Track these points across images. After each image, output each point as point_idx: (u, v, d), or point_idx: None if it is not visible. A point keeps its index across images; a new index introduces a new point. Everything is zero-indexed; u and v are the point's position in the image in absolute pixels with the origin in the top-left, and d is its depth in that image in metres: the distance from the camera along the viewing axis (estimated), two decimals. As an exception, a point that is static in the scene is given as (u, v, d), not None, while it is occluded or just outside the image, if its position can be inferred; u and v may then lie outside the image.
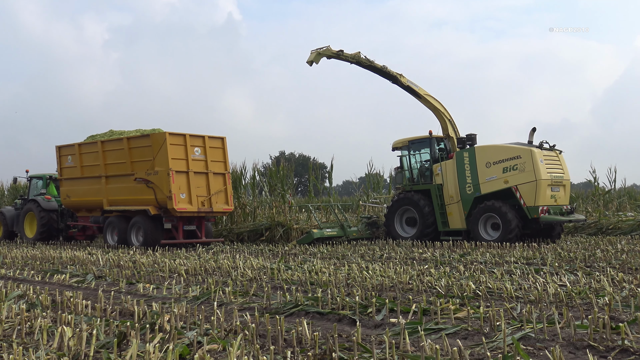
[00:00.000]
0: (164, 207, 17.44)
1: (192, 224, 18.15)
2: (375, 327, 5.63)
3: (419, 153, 18.52)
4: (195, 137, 18.12)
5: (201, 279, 9.32)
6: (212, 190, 18.15)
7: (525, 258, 11.67)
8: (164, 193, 17.25)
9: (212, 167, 18.27)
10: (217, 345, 4.82)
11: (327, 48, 18.35)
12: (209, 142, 18.39)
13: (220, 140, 18.89)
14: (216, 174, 18.39)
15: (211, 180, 18.18)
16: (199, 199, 17.76)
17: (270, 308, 6.60)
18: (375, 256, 12.94)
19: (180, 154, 17.59)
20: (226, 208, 18.59)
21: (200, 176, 17.93)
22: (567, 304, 6.42)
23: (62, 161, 20.15)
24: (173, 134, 17.69)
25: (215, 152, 18.56)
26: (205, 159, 18.14)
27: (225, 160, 18.83)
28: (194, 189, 17.67)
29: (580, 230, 20.05)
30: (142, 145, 18.01)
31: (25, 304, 6.99)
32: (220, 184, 18.49)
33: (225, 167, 18.82)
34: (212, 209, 18.05)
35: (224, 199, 18.51)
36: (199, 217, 18.17)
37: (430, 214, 17.37)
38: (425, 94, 18.17)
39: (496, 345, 4.72)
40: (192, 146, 17.88)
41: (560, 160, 16.79)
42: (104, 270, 10.86)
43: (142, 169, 17.81)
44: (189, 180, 17.59)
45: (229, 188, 18.73)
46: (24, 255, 14.56)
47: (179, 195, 17.31)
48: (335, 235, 18.47)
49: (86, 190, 19.33)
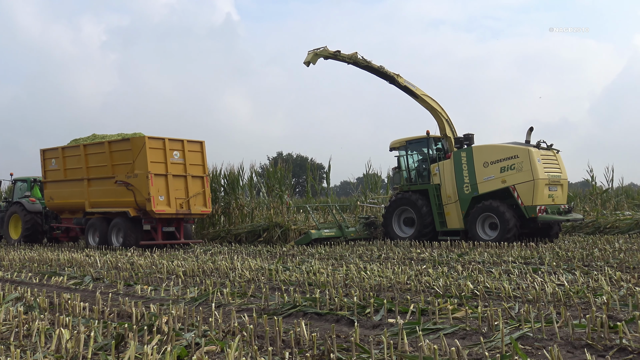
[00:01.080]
0: (143, 209, 17.86)
1: (171, 225, 18.61)
2: (374, 327, 5.62)
3: (417, 153, 18.54)
4: (174, 141, 18.58)
5: (199, 280, 9.31)
6: (191, 193, 18.58)
7: (523, 257, 11.68)
8: (143, 195, 17.67)
9: (190, 170, 18.73)
10: (215, 346, 4.81)
11: (324, 49, 18.36)
12: (188, 146, 18.87)
13: (199, 144, 19.35)
14: (195, 177, 18.85)
15: (190, 183, 18.63)
16: (177, 201, 18.24)
17: (269, 309, 6.60)
18: (373, 256, 12.94)
19: (160, 158, 18.05)
20: (204, 210, 19.03)
21: (178, 179, 18.42)
22: (565, 303, 6.43)
23: (46, 164, 20.47)
24: (152, 138, 18.11)
25: (194, 155, 18.99)
26: (184, 163, 18.62)
27: (203, 164, 19.28)
28: (172, 192, 18.12)
29: (578, 229, 20.08)
30: (123, 148, 18.39)
31: (23, 306, 6.98)
32: (199, 187, 18.91)
33: (204, 170, 19.25)
34: (191, 211, 18.49)
35: (202, 202, 18.94)
36: (177, 219, 18.61)
37: (428, 214, 17.38)
38: (423, 94, 18.18)
39: (494, 345, 4.72)
40: (171, 150, 18.35)
41: (558, 159, 16.81)
42: (102, 272, 10.85)
43: (123, 172, 18.20)
44: (167, 183, 18.06)
45: (207, 191, 19.17)
46: (21, 258, 14.53)
47: (158, 198, 17.76)
48: (333, 235, 18.47)
49: (69, 192, 19.71)
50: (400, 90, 18.41)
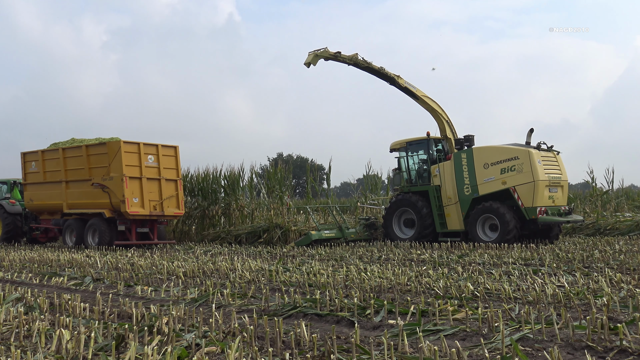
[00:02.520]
0: (118, 211, 18.61)
1: (145, 226, 19.42)
2: (374, 328, 5.62)
3: (417, 154, 18.53)
4: (149, 146, 19.38)
5: (199, 281, 9.31)
6: (164, 196, 19.41)
7: (524, 259, 11.68)
8: (118, 197, 18.47)
9: (164, 173, 19.52)
10: (215, 347, 4.81)
11: (325, 50, 18.37)
12: (162, 151, 19.69)
13: (173, 149, 20.17)
14: (168, 180, 19.63)
15: (163, 186, 19.42)
16: (151, 203, 19.03)
17: (269, 310, 6.60)
18: (374, 258, 12.94)
19: (134, 161, 18.82)
20: (177, 212, 19.87)
21: (152, 182, 19.19)
22: (566, 304, 6.43)
23: (26, 167, 21.13)
24: (127, 142, 18.91)
25: (168, 159, 19.81)
26: (158, 166, 19.40)
27: (177, 168, 20.08)
28: (146, 194, 18.90)
29: (578, 231, 20.08)
30: (99, 152, 19.18)
31: (23, 306, 6.98)
32: (172, 190, 19.74)
33: (177, 174, 20.05)
34: (164, 212, 19.31)
35: (175, 204, 19.76)
36: (151, 220, 19.45)
37: (428, 216, 17.38)
38: (423, 95, 18.18)
39: (494, 346, 4.72)
40: (145, 154, 19.13)
41: (558, 161, 16.81)
42: (102, 272, 10.85)
43: (99, 174, 19.02)
44: (142, 185, 18.84)
45: (180, 193, 19.97)
46: (21, 258, 14.53)
47: (132, 200, 18.57)
48: (334, 236, 18.47)
49: (48, 194, 20.38)
50: (400, 91, 18.40)
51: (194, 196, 24.62)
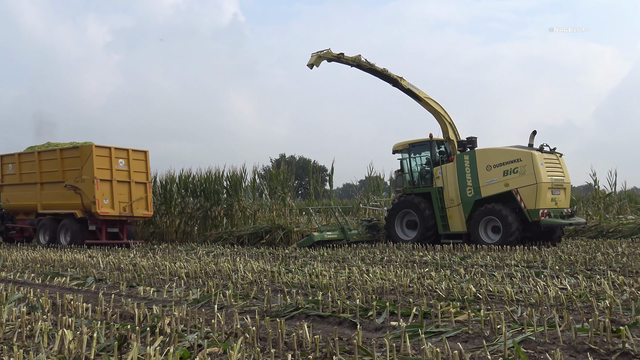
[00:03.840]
0: (89, 211, 19.73)
1: (115, 226, 20.52)
2: (376, 330, 5.62)
3: (420, 156, 18.53)
4: (119, 150, 20.50)
5: (201, 282, 9.31)
6: (134, 198, 20.48)
7: (526, 261, 11.66)
8: (89, 198, 19.55)
9: (134, 177, 20.65)
10: (217, 348, 4.82)
11: (328, 51, 18.38)
12: (133, 155, 20.80)
13: (143, 153, 21.31)
14: (138, 183, 20.75)
15: (133, 188, 20.53)
16: (121, 204, 20.14)
17: (271, 311, 6.60)
18: (376, 259, 12.93)
19: (105, 165, 19.90)
20: (146, 213, 20.95)
21: (122, 184, 20.30)
22: (568, 307, 6.42)
23: (3, 169, 22.17)
24: (99, 146, 20.00)
25: (138, 163, 20.91)
26: (128, 170, 20.51)
27: (147, 171, 21.20)
28: (116, 196, 20.02)
29: (580, 233, 20.06)
30: (72, 156, 20.25)
31: (26, 307, 6.98)
32: (142, 192, 20.83)
33: (147, 177, 21.16)
34: (133, 213, 20.38)
35: (144, 205, 20.89)
36: (121, 221, 20.56)
37: (431, 217, 17.37)
38: (426, 96, 18.18)
39: (497, 348, 4.72)
40: (116, 158, 20.27)
41: (561, 163, 16.79)
42: (105, 273, 10.85)
43: (72, 177, 20.05)
44: (112, 187, 19.93)
45: (149, 196, 21.08)
46: (24, 258, 14.55)
47: (102, 201, 19.68)
48: (336, 238, 18.46)
49: (24, 195, 21.44)
50: (403, 93, 18.41)
51: (196, 197, 24.66)
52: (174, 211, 24.85)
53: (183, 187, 25.25)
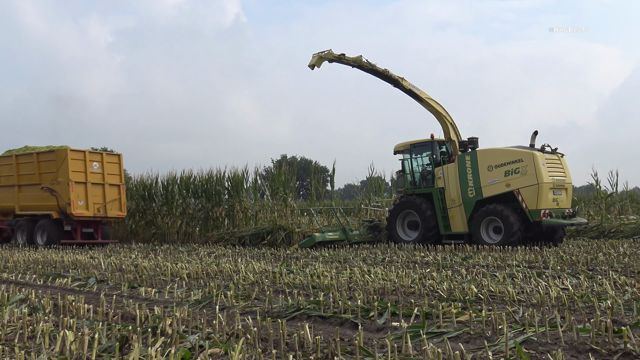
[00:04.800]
0: (64, 212, 20.63)
1: (90, 227, 21.39)
2: (377, 330, 5.62)
3: (421, 156, 18.52)
4: (94, 154, 21.68)
5: (203, 283, 9.31)
6: (108, 199, 21.37)
7: (528, 261, 11.65)
8: (65, 200, 20.44)
9: (108, 179, 21.54)
10: (219, 349, 4.81)
11: (329, 52, 18.38)
12: (106, 158, 21.84)
13: (117, 157, 22.35)
14: (112, 185, 21.65)
15: (107, 190, 21.43)
16: (95, 205, 21.04)
17: (272, 312, 6.60)
18: (377, 260, 12.93)
19: (80, 168, 20.79)
20: (119, 214, 21.89)
21: (97, 187, 21.21)
22: (570, 307, 6.41)
23: None
24: (74, 150, 20.99)
25: (111, 166, 21.82)
26: (102, 172, 21.40)
27: (120, 174, 22.14)
28: (91, 197, 20.92)
29: (582, 233, 20.04)
30: (48, 159, 21.11)
31: (27, 308, 6.99)
32: (115, 194, 21.74)
33: (121, 179, 22.09)
34: (107, 214, 21.31)
35: (118, 206, 21.79)
36: (95, 221, 21.40)
37: (432, 218, 17.36)
38: (427, 97, 18.18)
39: (498, 348, 4.71)
40: (91, 161, 21.15)
41: (562, 163, 16.78)
42: (106, 274, 10.86)
43: (48, 179, 20.97)
44: (86, 190, 20.83)
45: (122, 197, 21.94)
46: (25, 259, 14.56)
47: (77, 202, 20.55)
48: (337, 238, 18.45)
49: (2, 197, 22.26)
50: (404, 93, 18.40)
51: (197, 198, 24.68)
52: (176, 212, 24.87)
53: (184, 187, 25.28)
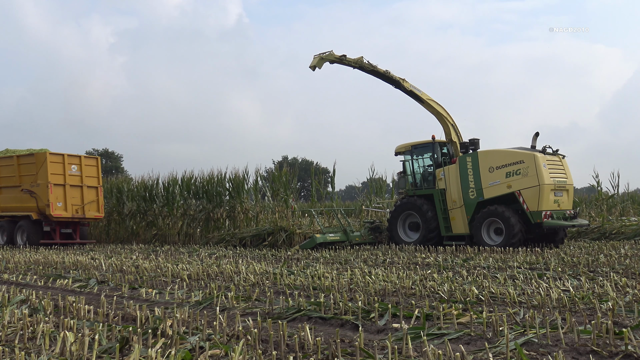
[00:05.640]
0: (43, 213, 21.49)
1: (69, 227, 22.31)
2: (378, 332, 5.61)
3: (422, 158, 18.52)
4: (72, 157, 22.32)
5: (204, 284, 9.31)
6: (86, 201, 22.25)
7: (529, 263, 11.64)
8: (44, 202, 21.31)
9: (86, 181, 22.39)
10: (219, 350, 4.81)
11: (330, 53, 18.39)
12: (85, 161, 22.69)
13: (95, 160, 23.51)
14: (90, 187, 22.53)
15: (85, 192, 22.29)
16: (73, 207, 21.87)
17: (273, 313, 6.59)
18: (378, 261, 12.92)
19: (59, 170, 21.62)
20: (97, 215, 22.86)
21: (75, 189, 22.05)
22: (570, 309, 6.40)
23: None
24: (53, 153, 21.75)
25: (89, 169, 22.71)
26: (81, 175, 22.25)
27: (98, 176, 22.99)
28: (69, 199, 21.73)
29: (583, 235, 20.02)
30: (28, 162, 21.96)
31: (28, 308, 6.99)
32: (93, 196, 22.62)
33: (98, 181, 22.95)
34: (85, 215, 22.25)
35: (96, 208, 22.71)
36: (73, 222, 22.32)
37: (433, 219, 17.36)
38: (428, 98, 18.17)
39: (499, 350, 4.70)
40: (69, 164, 21.98)
41: (564, 165, 16.77)
42: (107, 275, 10.86)
43: (28, 182, 21.82)
44: (65, 191, 21.66)
45: (100, 199, 22.89)
46: (26, 260, 14.57)
47: (56, 204, 21.37)
48: (338, 240, 18.45)
49: None
50: (405, 94, 18.40)
51: (198, 199, 24.68)
52: (177, 213, 24.88)
53: (185, 189, 25.29)
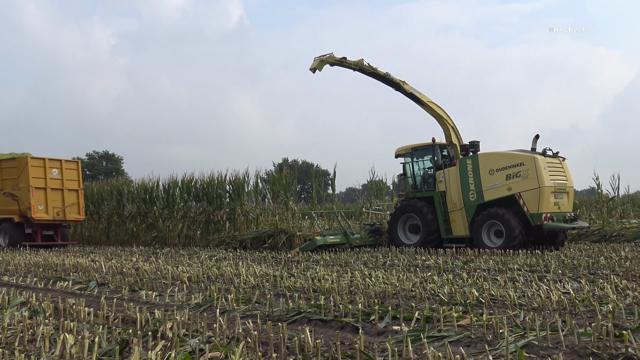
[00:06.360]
0: (25, 216, 22.13)
1: (50, 229, 22.90)
2: (378, 334, 5.61)
3: (422, 160, 18.52)
4: (53, 161, 22.94)
5: (204, 286, 9.31)
6: (67, 203, 22.87)
7: (529, 265, 11.64)
8: (25, 205, 21.97)
9: (67, 184, 23.07)
10: (219, 352, 4.81)
11: (330, 55, 18.39)
12: (65, 165, 23.25)
13: (76, 163, 23.97)
14: (70, 190, 23.18)
15: (66, 195, 22.94)
16: (54, 209, 22.52)
17: (273, 315, 6.59)
18: (378, 263, 12.91)
19: (40, 174, 22.25)
20: (78, 217, 23.50)
21: (56, 192, 22.71)
22: (571, 311, 6.40)
23: None
24: (34, 158, 22.50)
25: (70, 172, 23.33)
26: (62, 178, 22.90)
27: (79, 180, 23.65)
28: (50, 202, 22.38)
29: (583, 237, 20.01)
30: (10, 166, 22.64)
31: (28, 311, 6.98)
32: (74, 198, 23.27)
33: (79, 185, 23.63)
34: (66, 217, 22.86)
35: (77, 210, 23.36)
36: (55, 224, 22.93)
37: (434, 221, 17.36)
38: (429, 101, 18.18)
39: (499, 353, 4.70)
40: (50, 168, 22.57)
41: (564, 167, 16.77)
42: (107, 277, 10.86)
43: (10, 185, 22.46)
44: (46, 195, 22.28)
45: (81, 201, 23.54)
46: (26, 263, 14.56)
47: (37, 207, 22.07)
48: (339, 242, 18.44)
49: None
50: (406, 97, 18.41)
51: (199, 201, 24.68)
52: (177, 215, 24.89)
53: (186, 191, 25.30)
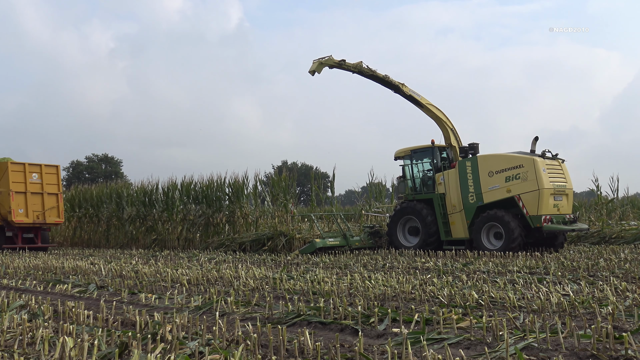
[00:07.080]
0: (6, 220, 22.72)
1: (30, 232, 23.56)
2: (378, 337, 5.61)
3: (422, 162, 18.52)
4: (33, 165, 23.62)
5: (203, 289, 9.30)
6: (46, 207, 23.47)
7: (528, 267, 11.64)
8: (6, 209, 22.57)
9: (47, 188, 23.67)
10: (218, 355, 4.80)
11: (329, 58, 18.39)
12: (45, 169, 23.85)
13: (55, 168, 24.44)
14: (50, 194, 23.79)
15: (46, 199, 23.57)
16: (34, 213, 23.19)
17: (273, 318, 6.59)
18: (378, 266, 12.91)
19: (20, 179, 22.96)
20: (57, 220, 24.11)
21: (36, 196, 23.36)
22: (570, 313, 6.40)
23: None
24: (14, 163, 23.19)
25: (50, 177, 23.96)
26: (41, 182, 23.53)
27: (58, 184, 24.25)
28: (30, 205, 23.06)
29: (583, 239, 20.01)
30: None
31: (27, 314, 6.98)
32: (54, 202, 23.86)
33: (59, 188, 24.21)
34: (46, 220, 23.49)
35: (56, 213, 23.97)
36: (35, 227, 23.63)
37: (433, 223, 17.35)
38: (427, 103, 18.19)
39: (499, 355, 4.70)
40: (30, 172, 23.27)
41: (563, 169, 16.77)
42: (106, 280, 10.85)
43: None
44: (26, 198, 22.95)
45: (60, 205, 24.14)
46: (26, 265, 14.55)
47: (18, 210, 22.69)
48: (338, 244, 18.43)
49: None
50: (405, 99, 18.41)
51: (198, 204, 24.67)
52: (176, 218, 24.88)
53: (185, 193, 25.29)
